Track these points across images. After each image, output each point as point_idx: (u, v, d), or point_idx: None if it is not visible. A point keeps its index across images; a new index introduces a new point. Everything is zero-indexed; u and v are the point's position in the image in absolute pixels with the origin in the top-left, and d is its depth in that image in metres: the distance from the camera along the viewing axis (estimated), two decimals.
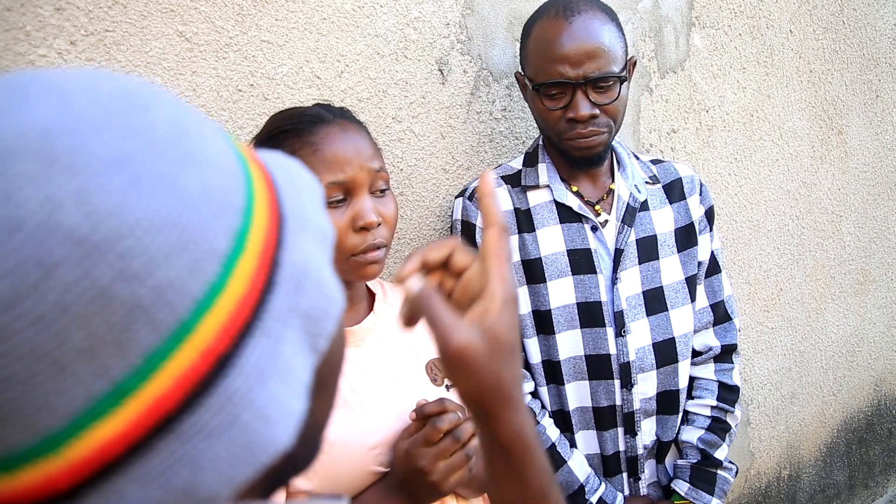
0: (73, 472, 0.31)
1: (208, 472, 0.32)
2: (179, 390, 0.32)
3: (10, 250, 0.28)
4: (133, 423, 0.31)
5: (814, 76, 2.30)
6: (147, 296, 0.30)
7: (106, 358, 0.30)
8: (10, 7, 0.99)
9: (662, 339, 1.33)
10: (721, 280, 1.43)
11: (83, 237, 0.29)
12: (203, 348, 0.32)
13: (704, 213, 1.42)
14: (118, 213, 0.30)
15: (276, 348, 0.35)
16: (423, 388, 1.10)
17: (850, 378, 2.64)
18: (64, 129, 0.30)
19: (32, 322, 0.29)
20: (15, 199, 0.29)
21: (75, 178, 0.29)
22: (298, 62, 1.27)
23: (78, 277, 0.29)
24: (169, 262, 0.31)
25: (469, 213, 1.32)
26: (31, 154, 0.29)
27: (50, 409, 0.30)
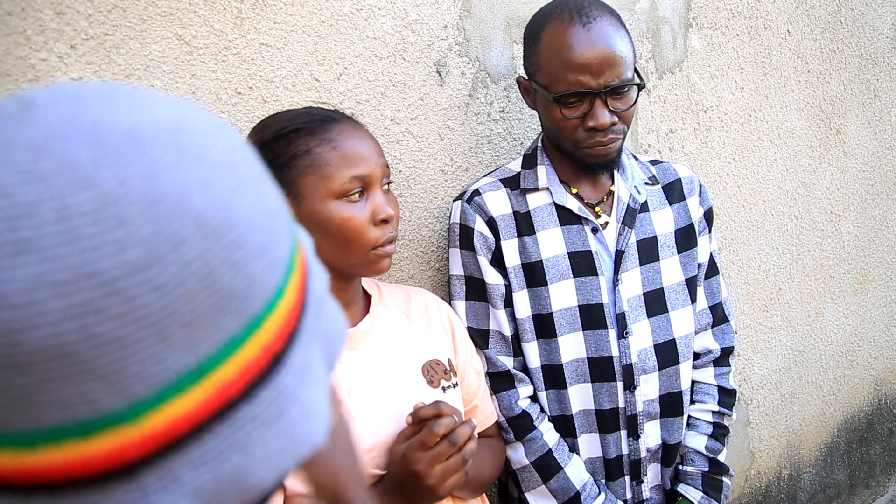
0: (145, 445, 0.33)
1: (257, 459, 0.35)
2: (243, 379, 0.35)
3: (148, 221, 0.31)
4: (203, 404, 0.33)
5: (812, 76, 2.30)
6: (241, 284, 0.34)
7: (200, 334, 0.33)
8: (11, 11, 1.00)
9: (663, 341, 1.33)
10: (719, 282, 1.44)
11: (205, 221, 0.33)
12: (265, 344, 0.36)
13: (704, 214, 1.42)
14: (230, 208, 0.34)
15: (310, 357, 0.39)
16: (419, 390, 1.10)
17: (851, 377, 2.64)
18: (185, 131, 0.35)
19: (154, 289, 0.31)
20: (154, 178, 0.32)
21: (199, 171, 0.34)
22: (297, 65, 1.28)
23: (196, 256, 0.32)
24: (258, 259, 0.35)
25: (467, 217, 1.31)
26: (164, 145, 0.33)
27: (144, 375, 0.32)
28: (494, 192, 1.32)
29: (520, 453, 1.31)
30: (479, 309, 1.32)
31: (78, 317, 0.30)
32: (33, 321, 0.30)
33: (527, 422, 1.30)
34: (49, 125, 0.32)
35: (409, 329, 1.16)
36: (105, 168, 0.31)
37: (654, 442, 1.35)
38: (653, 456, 1.37)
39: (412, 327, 1.17)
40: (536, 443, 1.30)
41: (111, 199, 0.31)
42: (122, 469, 0.32)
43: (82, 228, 0.30)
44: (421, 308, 1.21)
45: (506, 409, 1.30)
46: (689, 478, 1.37)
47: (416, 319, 1.19)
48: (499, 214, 1.31)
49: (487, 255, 1.30)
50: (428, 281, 1.50)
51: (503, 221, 1.30)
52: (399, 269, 1.45)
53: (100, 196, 0.31)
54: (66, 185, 0.31)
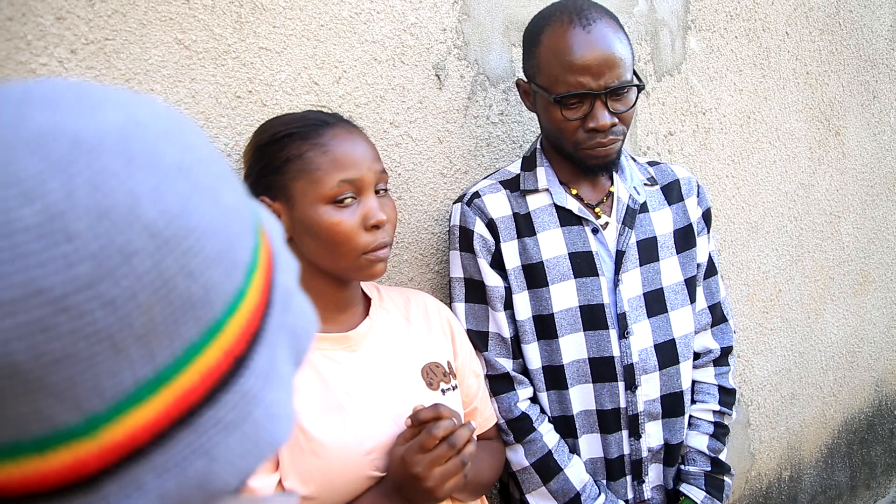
0: (104, 457, 0.32)
1: (221, 463, 0.35)
2: (204, 385, 0.34)
3: (97, 234, 0.30)
4: (163, 413, 0.33)
5: (811, 78, 2.31)
6: (197, 292, 0.33)
7: (156, 346, 0.32)
8: (12, 17, 1.00)
9: (664, 341, 1.34)
10: (717, 282, 1.45)
11: (158, 231, 0.32)
12: (226, 348, 0.35)
13: (702, 214, 1.42)
14: (184, 215, 0.33)
15: (275, 356, 0.38)
16: (418, 392, 1.11)
17: (851, 379, 2.64)
18: (136, 135, 0.33)
19: (105, 304, 0.30)
20: (102, 189, 0.31)
21: (151, 177, 0.32)
22: (296, 68, 1.28)
23: (149, 268, 0.31)
24: (215, 265, 0.34)
25: (467, 220, 1.32)
26: (112, 152, 0.32)
27: (99, 390, 0.31)
28: (494, 195, 1.33)
29: (520, 455, 1.31)
30: (478, 311, 1.33)
31: (27, 336, 0.29)
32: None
33: (526, 424, 1.30)
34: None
35: (408, 331, 1.17)
36: (51, 179, 0.30)
37: (656, 442, 1.36)
38: (654, 456, 1.37)
39: (412, 330, 1.17)
40: (536, 444, 1.30)
41: (57, 213, 0.30)
42: (81, 481, 0.32)
43: (27, 244, 0.29)
44: (420, 311, 1.22)
45: (505, 412, 1.30)
46: (692, 477, 1.37)
47: (416, 322, 1.19)
48: (499, 216, 1.31)
49: (487, 257, 1.31)
50: (427, 283, 1.50)
51: (503, 223, 1.31)
52: (398, 272, 1.46)
53: (45, 209, 0.30)
54: (10, 198, 0.29)
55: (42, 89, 0.34)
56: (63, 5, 1.04)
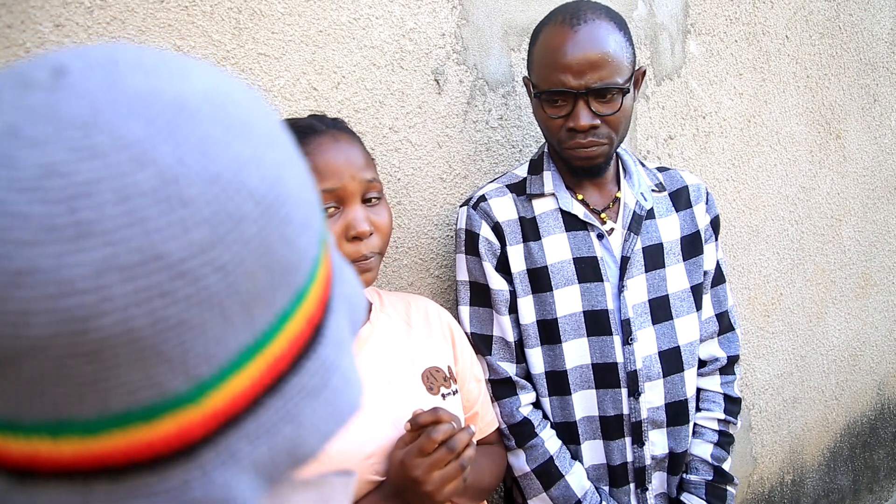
0: (206, 424, 0.32)
1: (307, 429, 0.36)
2: (291, 352, 0.35)
3: (209, 200, 0.30)
4: (258, 379, 0.33)
5: (811, 81, 2.31)
6: (291, 259, 0.34)
7: (256, 312, 0.33)
8: (11, 24, 1.01)
9: (668, 348, 1.33)
10: (725, 290, 1.43)
11: (261, 197, 0.32)
12: (308, 315, 0.36)
13: (710, 222, 1.41)
14: (280, 183, 0.33)
15: (340, 324, 0.39)
16: (418, 397, 1.11)
17: (853, 382, 2.64)
18: (227, 102, 0.33)
19: (217, 269, 0.31)
20: (209, 155, 0.31)
21: (248, 145, 0.33)
22: (295, 74, 1.28)
23: (255, 233, 0.32)
24: (304, 232, 0.35)
25: (472, 223, 1.32)
26: (212, 118, 0.32)
27: (207, 356, 0.32)
28: (500, 198, 1.33)
29: (521, 460, 1.31)
30: (483, 314, 1.33)
31: (145, 301, 0.29)
32: (101, 308, 0.29)
33: (528, 429, 1.30)
34: (90, 96, 0.30)
35: (409, 336, 1.17)
36: (161, 144, 0.30)
37: (660, 451, 1.35)
38: (658, 464, 1.36)
39: (412, 334, 1.17)
40: (537, 450, 1.30)
41: (171, 178, 0.30)
42: (184, 449, 0.32)
43: (145, 209, 0.29)
44: (421, 315, 1.22)
45: (507, 416, 1.30)
46: (693, 487, 1.36)
47: (417, 327, 1.19)
48: (504, 220, 1.31)
49: (492, 260, 1.30)
50: (427, 288, 1.50)
51: (509, 227, 1.31)
52: (398, 277, 1.46)
53: (159, 174, 0.30)
54: (123, 162, 0.29)
55: (120, 52, 0.34)
56: (62, 13, 1.04)
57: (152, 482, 0.32)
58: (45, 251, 0.28)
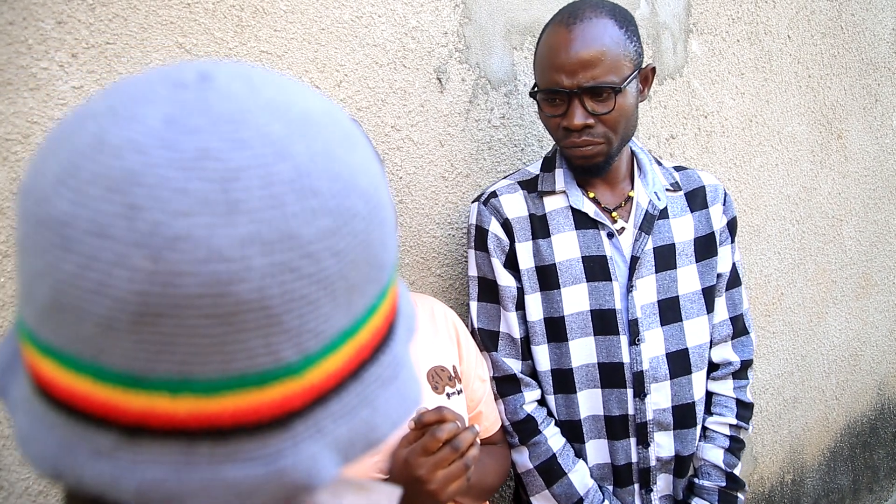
0: (304, 396, 0.36)
1: (381, 414, 0.39)
2: (372, 343, 0.39)
3: (333, 194, 0.36)
4: (347, 362, 0.38)
5: (812, 81, 2.31)
6: (383, 258, 0.39)
7: (356, 299, 0.37)
8: (13, 21, 1.00)
9: (676, 350, 1.31)
10: (741, 293, 1.41)
11: (369, 199, 0.38)
12: (386, 313, 0.40)
13: (727, 223, 1.39)
14: (381, 189, 0.39)
15: (404, 329, 0.44)
16: (424, 395, 1.10)
17: (853, 382, 2.64)
18: (338, 118, 0.39)
19: (335, 254, 0.35)
20: (332, 157, 0.37)
21: (357, 155, 0.39)
22: (297, 72, 1.28)
23: (363, 228, 0.37)
24: (391, 236, 0.40)
25: (482, 219, 1.32)
26: (332, 128, 0.38)
27: (317, 332, 0.36)
28: (511, 195, 1.33)
29: (524, 457, 1.31)
30: (490, 310, 1.32)
31: (279, 273, 0.34)
32: (242, 275, 0.33)
33: (531, 426, 1.30)
34: (236, 98, 0.36)
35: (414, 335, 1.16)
36: (297, 143, 0.35)
37: (666, 453, 1.33)
38: (664, 466, 1.35)
39: (418, 333, 1.17)
40: (541, 447, 1.30)
41: (305, 171, 0.35)
42: (283, 417, 0.36)
43: (284, 195, 0.34)
44: (427, 314, 1.21)
45: (511, 413, 1.30)
46: (706, 492, 1.35)
47: (422, 325, 1.19)
48: (514, 216, 1.31)
49: (501, 256, 1.30)
50: (429, 287, 1.50)
51: (518, 224, 1.30)
52: (400, 276, 1.46)
53: (296, 167, 0.34)
54: (268, 154, 0.34)
55: (253, 68, 0.39)
56: (64, 9, 1.04)
57: (251, 448, 0.35)
58: (199, 221, 0.32)
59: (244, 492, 0.35)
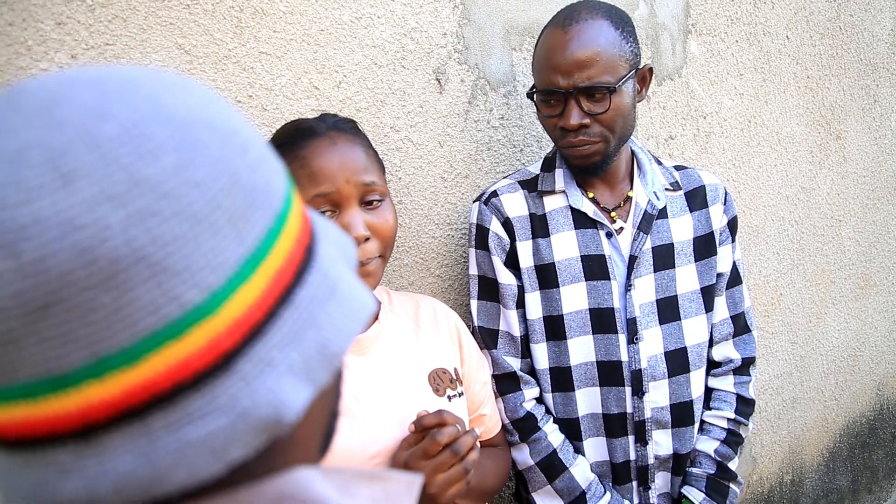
0: (232, 333, 0.36)
1: (329, 330, 0.39)
2: (290, 267, 0.39)
3: (170, 133, 0.35)
4: (267, 290, 0.37)
5: (811, 82, 2.31)
6: (261, 183, 0.38)
7: (243, 227, 0.37)
8: (12, 22, 1.00)
9: (674, 349, 1.32)
10: (742, 291, 1.42)
11: (217, 128, 0.37)
12: (295, 237, 0.40)
13: (727, 223, 1.40)
14: (231, 120, 0.39)
15: (334, 254, 0.44)
16: (425, 398, 1.10)
17: (852, 382, 2.64)
18: (161, 75, 0.39)
19: (195, 186, 0.35)
20: (160, 102, 0.36)
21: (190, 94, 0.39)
22: (297, 73, 1.28)
23: (220, 156, 0.36)
24: (265, 164, 0.40)
25: (483, 218, 1.33)
26: (153, 83, 0.38)
27: (212, 266, 0.35)
28: (512, 194, 1.34)
29: (525, 454, 1.31)
30: (490, 309, 1.33)
31: (141, 221, 0.33)
32: (103, 234, 0.32)
33: (531, 423, 1.30)
34: (45, 92, 0.36)
35: (417, 337, 1.16)
36: (115, 103, 0.35)
37: (665, 451, 1.34)
38: (662, 464, 1.36)
39: (420, 335, 1.17)
40: (541, 443, 1.30)
41: (130, 123, 0.35)
42: (220, 362, 0.35)
43: (116, 150, 0.34)
44: (429, 316, 1.21)
45: (511, 412, 1.31)
46: (694, 479, 1.36)
47: (425, 327, 1.19)
48: (515, 216, 1.32)
49: (501, 255, 1.31)
50: (428, 288, 1.50)
51: (519, 223, 1.31)
52: (399, 276, 1.46)
53: (119, 123, 0.34)
54: (87, 121, 0.34)
55: (70, 72, 0.40)
56: (63, 10, 1.04)
57: (203, 402, 0.35)
58: (40, 204, 0.32)
59: (218, 447, 0.35)
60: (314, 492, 0.37)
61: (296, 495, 0.37)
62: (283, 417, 0.36)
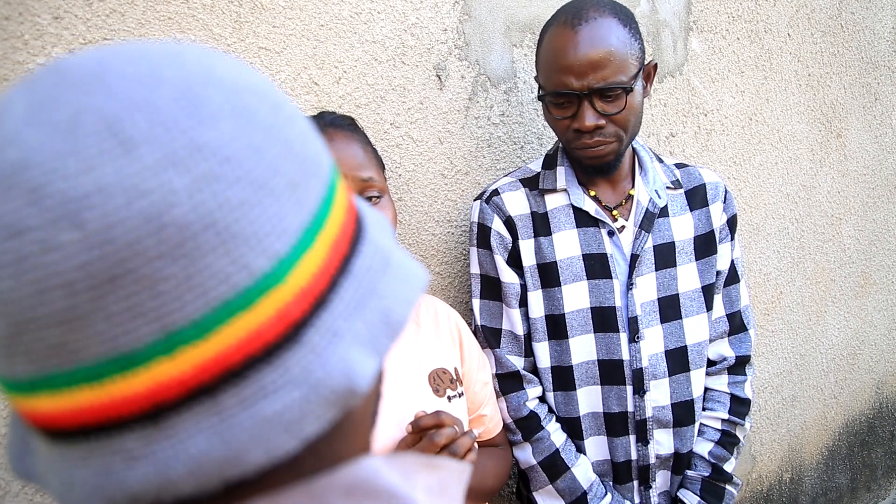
0: (300, 302, 0.35)
1: (390, 298, 0.38)
2: (345, 237, 0.38)
3: (222, 100, 0.35)
4: (328, 258, 0.36)
5: (812, 80, 2.30)
6: (311, 152, 0.38)
7: (302, 194, 0.36)
8: (9, 16, 0.99)
9: (675, 347, 1.32)
10: (739, 290, 1.41)
11: (265, 95, 0.37)
12: (346, 207, 0.40)
13: (727, 221, 1.39)
14: (275, 90, 0.39)
15: (379, 228, 0.43)
16: (424, 398, 1.10)
17: (852, 381, 2.64)
18: (204, 49, 0.39)
19: (254, 151, 0.34)
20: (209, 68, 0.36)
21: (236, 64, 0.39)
22: (296, 69, 1.27)
23: (272, 122, 0.36)
24: (311, 134, 0.39)
25: (485, 216, 1.32)
26: (198, 52, 0.38)
27: (277, 232, 0.34)
28: (513, 192, 1.33)
29: (527, 453, 1.31)
30: (493, 308, 1.32)
31: (207, 186, 0.32)
32: (169, 200, 0.31)
33: (534, 422, 1.30)
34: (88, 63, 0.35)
35: (417, 336, 1.16)
36: (166, 68, 0.34)
37: (666, 450, 1.34)
38: (663, 463, 1.36)
39: (421, 334, 1.16)
40: (544, 443, 1.30)
41: (184, 87, 0.34)
42: (290, 332, 0.34)
43: (172, 115, 0.33)
44: (430, 315, 1.21)
45: (514, 411, 1.30)
46: (689, 482, 1.36)
47: (425, 327, 1.18)
48: (517, 214, 1.31)
49: (504, 254, 1.30)
50: (428, 285, 1.49)
51: (521, 221, 1.31)
52: None
53: (174, 87, 0.34)
54: (142, 87, 0.33)
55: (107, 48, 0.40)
56: (60, 4, 1.03)
57: (275, 376, 0.34)
58: (102, 172, 0.31)
59: (293, 421, 0.33)
60: (383, 481, 0.36)
61: (365, 484, 0.36)
62: (356, 387, 0.35)
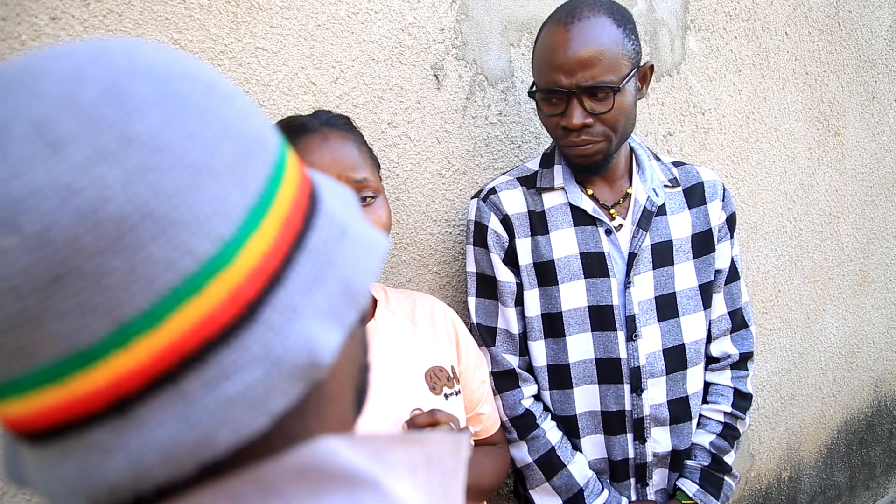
0: (253, 282, 0.35)
1: (349, 268, 0.38)
2: (297, 213, 0.38)
3: (151, 88, 0.35)
4: (279, 237, 0.36)
5: (810, 78, 2.30)
6: (253, 131, 0.37)
7: (244, 174, 0.36)
8: (6, 17, 0.99)
9: (673, 345, 1.32)
10: (739, 287, 1.42)
11: (196, 79, 0.37)
12: (297, 184, 0.39)
13: (726, 219, 1.39)
14: (208, 72, 0.39)
15: (337, 202, 0.43)
16: (421, 396, 1.10)
17: (850, 379, 2.64)
18: (133, 41, 0.39)
19: (188, 136, 0.34)
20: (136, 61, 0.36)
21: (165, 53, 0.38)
22: (293, 69, 1.27)
23: (206, 106, 0.36)
24: (252, 114, 0.39)
25: (482, 215, 1.32)
26: (125, 46, 0.37)
27: (220, 215, 0.34)
28: (510, 191, 1.33)
29: (523, 452, 1.31)
30: (488, 306, 1.33)
31: (140, 177, 0.32)
32: (103, 195, 0.31)
33: (530, 421, 1.30)
34: (15, 67, 0.35)
35: (413, 335, 1.16)
36: (90, 66, 0.34)
37: (663, 448, 1.34)
38: (660, 461, 1.36)
39: (417, 333, 1.17)
40: (539, 441, 1.30)
41: (110, 84, 0.34)
42: (244, 312, 0.34)
43: (99, 111, 0.33)
44: (427, 314, 1.21)
45: (509, 409, 1.30)
46: (688, 471, 1.36)
47: (422, 325, 1.18)
48: (514, 213, 1.31)
49: (500, 252, 1.31)
50: (425, 284, 1.49)
51: (518, 220, 1.31)
52: (396, 273, 1.45)
53: (99, 84, 0.33)
54: (64, 87, 0.33)
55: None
56: (58, 5, 1.03)
57: (235, 357, 0.34)
58: (33, 175, 0.31)
59: (258, 399, 0.34)
60: (340, 461, 0.36)
61: (320, 466, 0.35)
62: (318, 360, 0.35)
